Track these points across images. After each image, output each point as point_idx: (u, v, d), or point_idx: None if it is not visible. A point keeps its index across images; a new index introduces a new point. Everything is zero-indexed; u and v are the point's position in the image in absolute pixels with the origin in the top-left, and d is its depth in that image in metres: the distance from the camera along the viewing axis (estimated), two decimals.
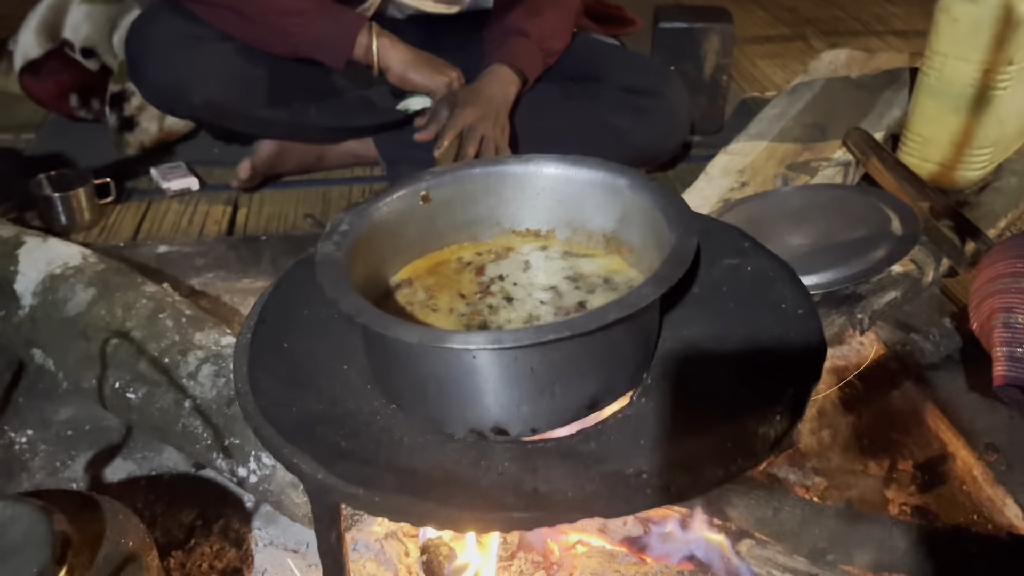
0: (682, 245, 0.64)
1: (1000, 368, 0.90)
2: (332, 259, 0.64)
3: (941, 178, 1.38)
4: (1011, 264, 0.91)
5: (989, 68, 1.29)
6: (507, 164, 0.78)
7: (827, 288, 1.00)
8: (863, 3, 2.29)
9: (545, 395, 0.62)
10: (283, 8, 1.24)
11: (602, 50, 1.45)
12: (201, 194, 1.46)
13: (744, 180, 1.29)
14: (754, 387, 0.65)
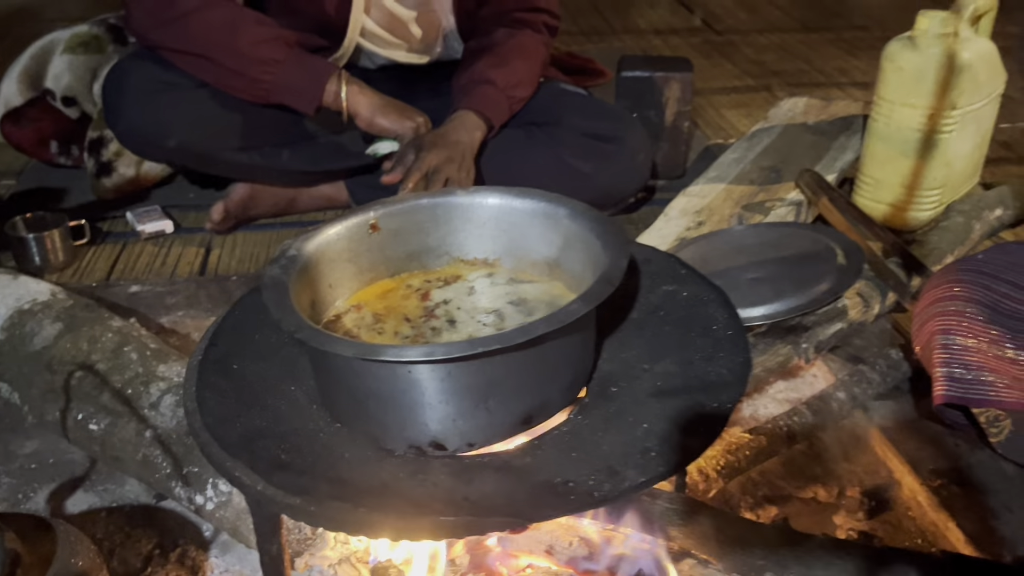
0: (613, 267, 0.68)
1: (940, 388, 0.93)
2: (278, 281, 0.67)
3: (894, 219, 1.43)
4: (948, 289, 0.95)
5: (934, 113, 1.35)
6: (454, 195, 0.81)
7: (774, 319, 1.03)
8: (826, 56, 2.38)
9: (480, 410, 0.64)
10: (256, 57, 1.29)
11: (566, 98, 1.50)
12: (175, 236, 1.49)
13: (701, 220, 1.33)
14: (683, 402, 0.68)
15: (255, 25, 1.30)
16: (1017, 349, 0.90)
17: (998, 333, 0.90)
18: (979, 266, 0.96)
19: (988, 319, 0.91)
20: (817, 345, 1.04)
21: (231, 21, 1.28)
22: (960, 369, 0.92)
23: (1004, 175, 1.66)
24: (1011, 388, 0.91)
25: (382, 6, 1.46)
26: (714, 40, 2.56)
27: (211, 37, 1.27)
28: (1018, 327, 0.90)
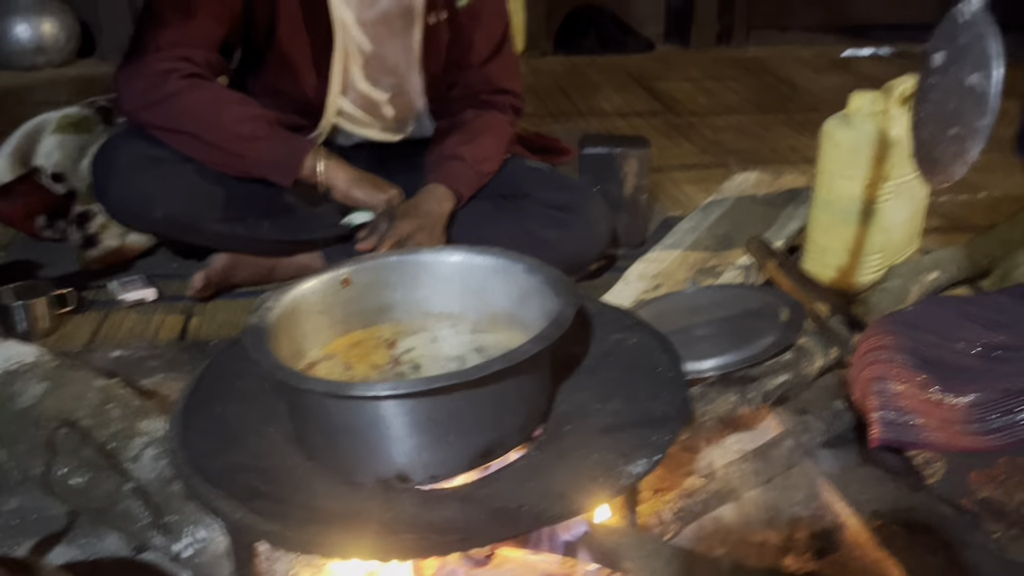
0: (562, 313, 0.75)
1: (875, 431, 1.00)
2: (256, 328, 0.74)
3: (840, 282, 1.52)
4: (880, 339, 1.02)
5: (870, 184, 1.45)
6: (420, 253, 0.89)
7: (722, 370, 1.11)
8: (779, 136, 2.52)
9: (442, 443, 0.70)
10: (238, 134, 1.38)
11: (531, 172, 1.60)
12: (157, 304, 1.55)
13: (658, 283, 1.42)
14: (629, 435, 0.74)
15: (238, 105, 1.39)
16: (942, 392, 0.97)
17: (925, 378, 0.98)
18: (907, 318, 1.04)
19: (916, 366, 0.99)
20: (764, 395, 1.11)
21: (215, 101, 1.37)
22: (893, 413, 0.99)
23: (944, 243, 1.77)
24: (939, 430, 0.98)
25: (358, 89, 1.57)
26: (674, 122, 2.70)
27: (196, 116, 1.36)
28: (942, 372, 0.98)
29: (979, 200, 2.06)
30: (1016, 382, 0.95)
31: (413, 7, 1.52)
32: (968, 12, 0.61)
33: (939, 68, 0.63)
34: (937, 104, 0.64)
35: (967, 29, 0.61)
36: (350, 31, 1.51)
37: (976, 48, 0.60)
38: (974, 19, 0.60)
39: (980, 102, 0.61)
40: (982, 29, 0.60)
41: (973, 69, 0.60)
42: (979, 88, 0.60)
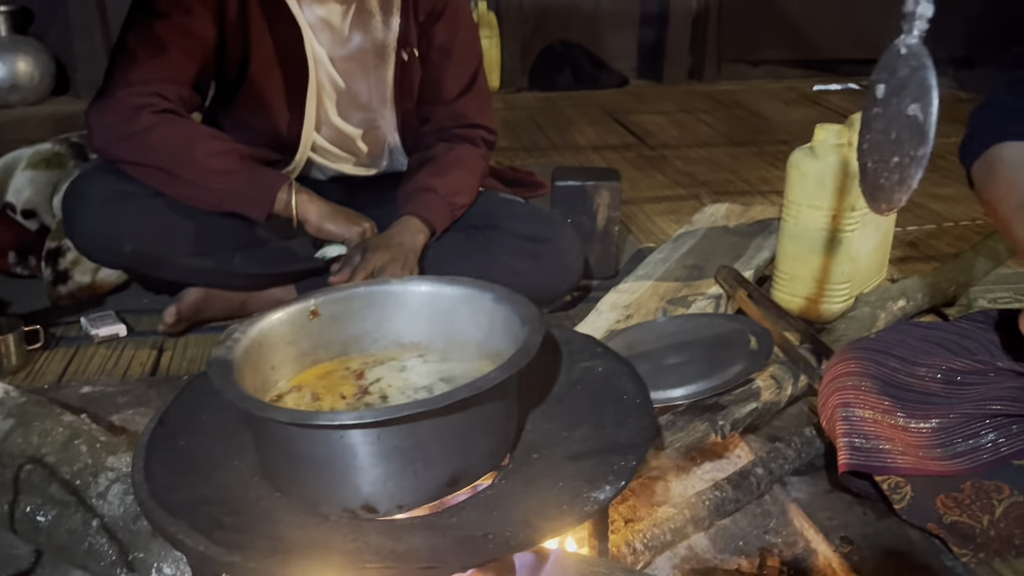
0: (529, 341, 0.76)
1: (843, 456, 1.00)
2: (222, 360, 0.74)
3: (809, 311, 1.54)
4: (846, 366, 1.04)
5: (836, 214, 1.48)
6: (389, 284, 0.89)
7: (692, 398, 1.11)
8: (750, 167, 2.56)
9: (408, 472, 0.70)
10: (210, 168, 1.38)
11: (504, 204, 1.61)
12: (128, 339, 1.54)
13: (629, 313, 1.43)
14: (595, 462, 0.74)
15: (210, 139, 1.40)
16: (907, 418, 0.98)
17: (890, 403, 0.99)
18: (872, 344, 1.06)
19: (881, 391, 1.00)
20: (733, 423, 1.12)
21: (187, 136, 1.38)
22: (860, 439, 1.00)
23: (912, 272, 1.80)
24: (905, 455, 0.99)
25: (331, 124, 1.58)
26: (647, 155, 2.74)
27: (168, 150, 1.37)
28: (907, 397, 0.99)
29: (946, 230, 2.10)
30: (977, 407, 0.96)
31: (386, 44, 1.54)
32: (907, 45, 0.63)
33: (882, 99, 0.65)
34: (880, 133, 0.66)
35: (906, 62, 0.63)
36: (324, 68, 1.52)
37: (915, 80, 0.62)
38: (912, 52, 0.63)
39: (920, 131, 0.63)
40: (920, 61, 0.62)
41: (912, 100, 0.63)
42: (918, 118, 0.62)
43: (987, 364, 1.00)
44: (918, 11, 0.61)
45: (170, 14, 1.40)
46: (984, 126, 1.01)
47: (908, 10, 0.61)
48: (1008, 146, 0.98)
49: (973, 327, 1.06)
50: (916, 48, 0.62)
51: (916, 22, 0.62)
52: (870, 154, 0.68)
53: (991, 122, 1.01)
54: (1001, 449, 0.96)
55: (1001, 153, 0.97)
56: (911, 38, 0.62)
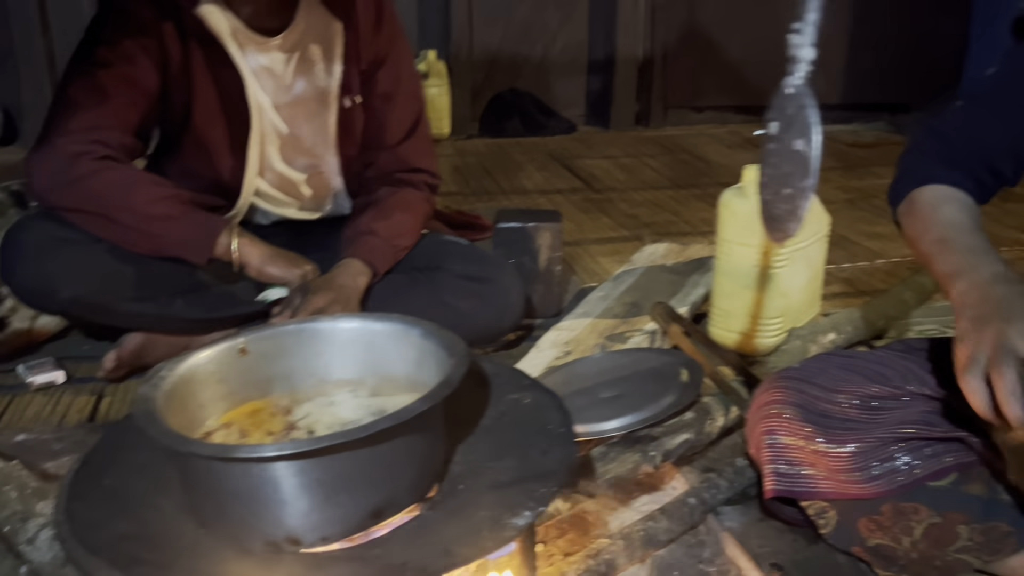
0: (452, 373, 0.78)
1: (769, 483, 1.03)
2: (147, 397, 0.75)
3: (745, 345, 1.58)
4: (771, 395, 1.07)
5: (766, 251, 1.53)
6: (318, 321, 0.91)
7: (624, 430, 1.14)
8: (693, 209, 2.63)
9: (332, 504, 0.71)
10: (151, 214, 1.39)
11: (446, 246, 1.64)
12: (66, 386, 1.52)
13: (569, 350, 1.46)
14: (516, 490, 0.76)
15: (150, 185, 1.41)
16: (827, 443, 1.01)
17: (811, 430, 1.02)
18: (795, 374, 1.09)
19: (803, 418, 1.03)
20: (665, 453, 1.15)
21: (127, 182, 1.39)
22: (784, 465, 1.03)
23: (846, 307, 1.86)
24: (827, 479, 1.02)
25: (275, 169, 1.60)
26: (593, 197, 2.80)
27: (108, 197, 1.38)
28: (827, 423, 1.03)
29: (878, 267, 2.17)
30: (891, 431, 1.00)
31: (328, 91, 1.57)
32: (792, 86, 0.68)
33: (775, 136, 0.70)
34: (774, 167, 0.70)
35: (792, 101, 0.68)
36: (267, 114, 1.55)
37: (799, 118, 0.67)
38: (797, 92, 0.67)
39: (805, 165, 0.67)
40: (804, 101, 0.67)
41: (798, 136, 0.67)
42: (803, 152, 0.67)
43: (900, 389, 1.04)
44: (801, 55, 0.66)
45: (112, 63, 1.42)
46: (906, 170, 1.08)
47: (792, 53, 0.66)
48: (926, 189, 1.04)
49: (890, 355, 1.10)
50: (800, 88, 0.67)
51: (800, 65, 0.67)
52: (767, 187, 0.72)
53: (912, 167, 1.08)
54: (915, 471, 0.99)
55: (920, 196, 1.04)
56: (796, 79, 0.67)
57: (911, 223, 1.04)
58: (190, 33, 1.46)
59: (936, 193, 1.04)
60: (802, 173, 0.68)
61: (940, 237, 0.97)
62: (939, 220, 1.00)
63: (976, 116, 1.06)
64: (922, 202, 1.04)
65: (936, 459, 1.00)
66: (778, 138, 0.69)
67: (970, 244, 0.95)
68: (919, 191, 1.05)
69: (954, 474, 1.00)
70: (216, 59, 1.48)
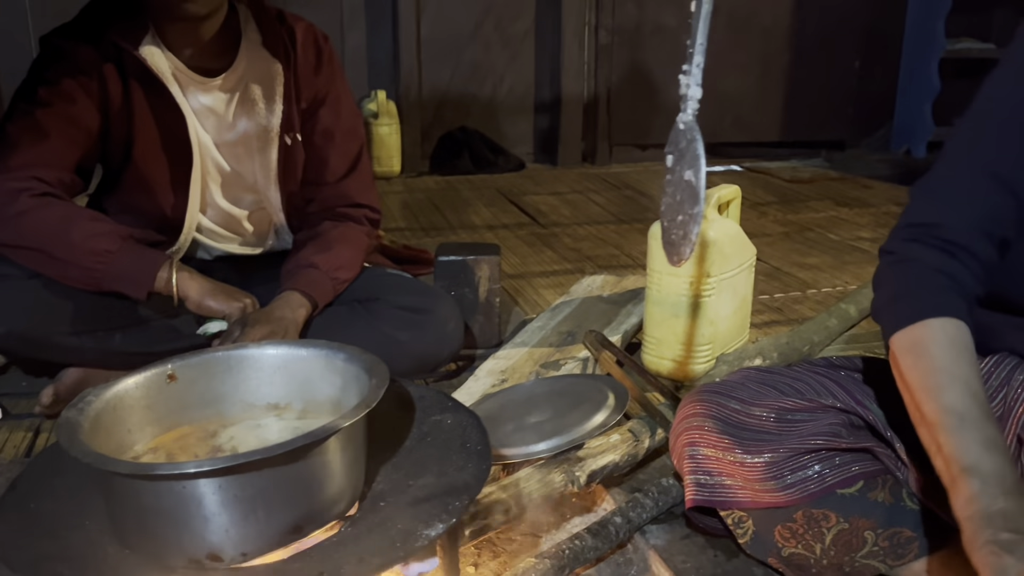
0: (371, 394, 0.81)
1: (689, 493, 1.08)
2: (72, 421, 0.77)
3: (677, 372, 1.64)
4: (692, 408, 1.12)
5: (694, 281, 1.60)
6: (245, 348, 0.94)
7: (551, 452, 1.18)
8: (634, 243, 2.70)
9: (250, 520, 0.74)
10: (89, 248, 1.41)
11: (386, 278, 1.68)
12: (3, 422, 1.52)
13: (505, 378, 1.50)
14: (433, 505, 0.80)
15: (89, 221, 1.43)
16: (743, 453, 1.06)
17: (729, 442, 1.07)
18: (716, 388, 1.14)
19: (721, 430, 1.08)
20: (590, 474, 1.19)
21: (65, 218, 1.41)
22: (704, 475, 1.08)
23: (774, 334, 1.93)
24: (744, 488, 1.07)
25: (217, 206, 1.64)
26: (539, 232, 2.87)
27: (46, 232, 1.39)
28: (744, 435, 1.08)
29: (808, 296, 2.26)
30: (803, 441, 1.06)
31: (270, 129, 1.61)
32: (683, 122, 0.74)
33: (671, 168, 0.75)
34: (671, 196, 0.76)
35: (684, 135, 0.74)
36: (209, 152, 1.59)
37: (690, 150, 0.73)
38: (688, 127, 0.73)
39: (693, 193, 0.73)
40: (693, 135, 0.73)
41: (688, 167, 0.73)
42: (692, 182, 0.73)
43: (814, 402, 1.09)
44: (690, 93, 0.72)
45: (52, 103, 1.45)
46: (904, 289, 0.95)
47: (682, 92, 0.72)
48: (933, 327, 0.91)
49: (807, 370, 1.16)
50: (690, 124, 0.73)
51: (689, 102, 0.73)
52: (666, 215, 0.78)
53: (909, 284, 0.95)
54: (827, 479, 1.05)
55: (927, 337, 0.91)
56: (686, 116, 0.73)
57: (913, 366, 0.91)
58: (131, 74, 1.49)
59: (946, 337, 0.90)
60: (692, 201, 0.73)
61: (954, 410, 0.85)
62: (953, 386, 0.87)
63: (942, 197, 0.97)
64: (929, 349, 0.90)
65: (845, 468, 1.06)
66: (672, 170, 0.75)
67: (988, 436, 0.84)
68: (924, 327, 0.91)
69: (861, 482, 1.06)
70: (158, 99, 1.51)
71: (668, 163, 0.77)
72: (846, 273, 2.45)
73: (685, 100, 0.74)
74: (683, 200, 0.74)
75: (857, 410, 1.06)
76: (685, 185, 0.73)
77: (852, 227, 2.98)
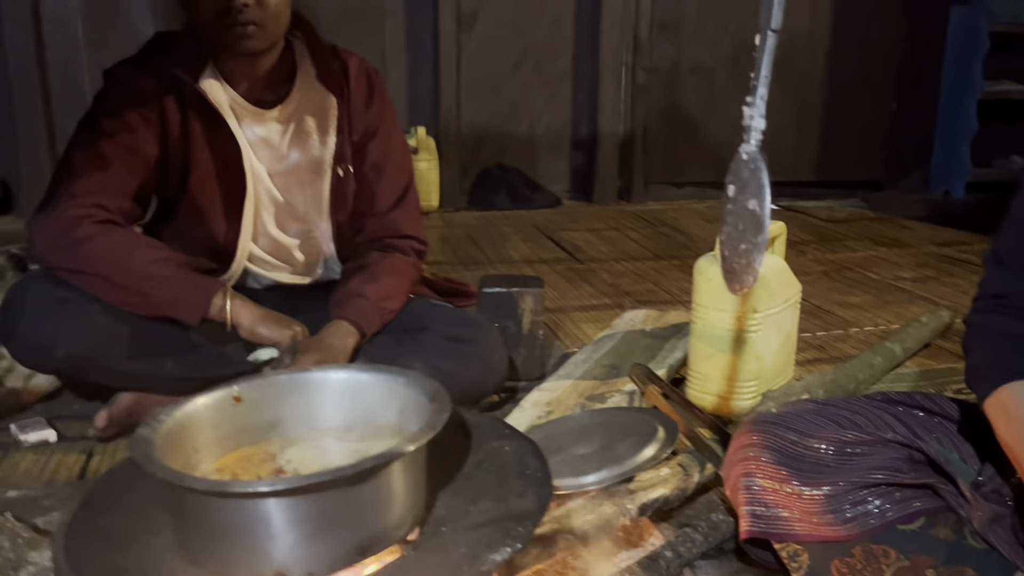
0: (434, 418, 0.83)
1: (744, 524, 1.07)
2: (146, 438, 0.79)
3: (721, 408, 1.63)
4: (748, 439, 1.11)
5: (740, 316, 1.60)
6: (309, 372, 0.96)
7: (602, 483, 1.18)
8: (672, 279, 2.71)
9: (317, 540, 0.75)
10: (147, 275, 1.44)
11: (432, 309, 1.70)
12: (57, 445, 1.55)
13: (550, 410, 1.50)
14: (494, 530, 0.80)
15: (147, 248, 1.47)
16: (801, 485, 1.05)
17: (786, 473, 1.07)
18: (772, 419, 1.14)
19: (778, 462, 1.08)
20: (641, 506, 1.18)
21: (125, 244, 1.45)
22: (760, 507, 1.07)
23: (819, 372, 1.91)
24: (801, 521, 1.05)
25: (269, 235, 1.67)
26: (576, 267, 2.88)
27: (107, 258, 1.43)
28: (801, 467, 1.07)
29: (851, 335, 2.24)
30: (863, 476, 1.05)
31: (322, 161, 1.65)
32: (747, 152, 0.75)
33: (732, 197, 0.77)
34: (732, 226, 0.77)
35: (747, 166, 0.75)
36: (262, 182, 1.62)
37: (753, 180, 0.74)
38: (751, 157, 0.75)
39: (757, 222, 0.74)
40: (757, 165, 0.74)
41: (752, 196, 0.74)
42: (757, 211, 0.74)
43: (873, 436, 1.09)
44: (753, 124, 0.73)
45: (114, 133, 1.50)
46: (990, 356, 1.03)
47: (746, 123, 0.73)
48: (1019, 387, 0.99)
49: (865, 404, 1.16)
50: (753, 154, 0.74)
51: (753, 133, 0.74)
52: (726, 244, 0.79)
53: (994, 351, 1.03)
54: (887, 514, 1.04)
55: (1017, 396, 0.98)
56: (749, 146, 0.74)
57: (1006, 427, 0.98)
58: (190, 105, 1.54)
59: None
60: (756, 229, 0.74)
61: None
62: None
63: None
64: (1018, 408, 0.97)
65: (906, 503, 1.05)
66: (734, 199, 0.76)
67: None
68: (1009, 390, 0.99)
69: (922, 518, 1.04)
70: (215, 130, 1.55)
71: (730, 193, 0.78)
72: (888, 312, 2.43)
73: (748, 131, 0.75)
74: (746, 229, 0.75)
75: (919, 445, 1.05)
76: (749, 214, 0.74)
77: (892, 267, 2.96)
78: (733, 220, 0.77)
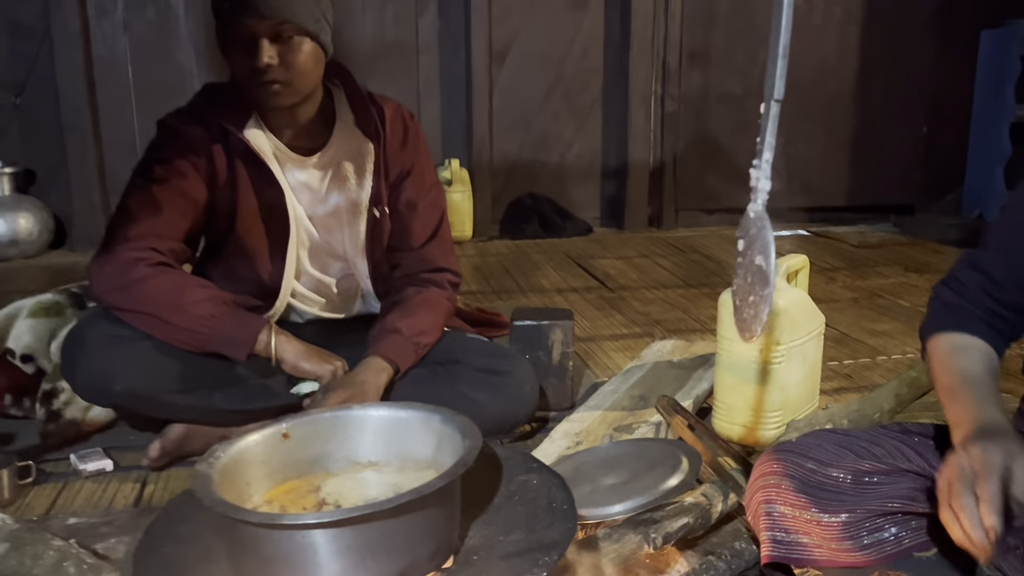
0: (467, 454, 0.89)
1: (765, 549, 1.11)
2: (204, 473, 0.86)
3: (747, 437, 1.67)
4: (769, 466, 1.16)
5: (764, 348, 1.64)
6: (350, 409, 1.03)
7: (627, 513, 1.23)
8: (702, 307, 2.75)
9: (360, 568, 0.82)
10: (197, 313, 1.53)
11: (466, 342, 1.77)
12: (114, 474, 1.64)
13: (579, 440, 1.56)
14: (524, 559, 0.86)
15: (197, 288, 1.56)
16: (820, 512, 1.10)
17: (806, 500, 1.11)
18: (792, 447, 1.18)
19: (798, 489, 1.12)
20: (665, 536, 1.23)
21: (177, 285, 1.54)
22: (781, 532, 1.12)
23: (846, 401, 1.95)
24: (820, 547, 1.10)
25: (309, 273, 1.76)
26: (607, 296, 2.94)
27: (160, 299, 1.53)
28: (819, 494, 1.11)
29: (878, 363, 2.26)
30: (881, 504, 1.09)
31: (359, 203, 1.74)
32: (754, 211, 0.81)
33: (742, 251, 0.83)
34: (742, 278, 0.83)
35: (754, 223, 0.81)
36: (303, 224, 1.71)
37: (760, 237, 0.80)
38: (757, 215, 0.81)
39: (764, 277, 0.80)
40: (763, 223, 0.80)
41: (759, 252, 0.80)
42: (763, 267, 0.79)
43: (891, 466, 1.13)
44: (759, 186, 0.79)
45: (166, 179, 1.60)
46: (933, 315, 1.20)
47: (752, 184, 0.79)
48: (944, 337, 1.15)
49: (882, 434, 1.20)
50: (760, 213, 0.80)
51: (759, 194, 0.80)
52: (737, 294, 0.85)
53: (936, 313, 1.19)
54: (904, 542, 1.08)
55: (938, 343, 1.15)
56: (756, 206, 0.80)
57: (931, 367, 1.15)
58: (236, 153, 1.64)
59: (952, 342, 1.13)
60: (762, 283, 0.80)
61: (949, 385, 1.07)
62: (951, 368, 1.10)
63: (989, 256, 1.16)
64: (939, 349, 1.14)
65: (923, 531, 1.09)
66: (743, 253, 0.82)
67: (975, 395, 1.04)
68: (938, 338, 1.15)
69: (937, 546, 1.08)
70: (259, 175, 1.65)
71: (739, 247, 0.84)
72: (917, 340, 2.43)
73: (755, 192, 0.81)
74: (754, 283, 0.81)
75: (934, 474, 1.09)
76: (756, 269, 0.80)
77: (923, 293, 2.96)
78: (743, 273, 0.83)
